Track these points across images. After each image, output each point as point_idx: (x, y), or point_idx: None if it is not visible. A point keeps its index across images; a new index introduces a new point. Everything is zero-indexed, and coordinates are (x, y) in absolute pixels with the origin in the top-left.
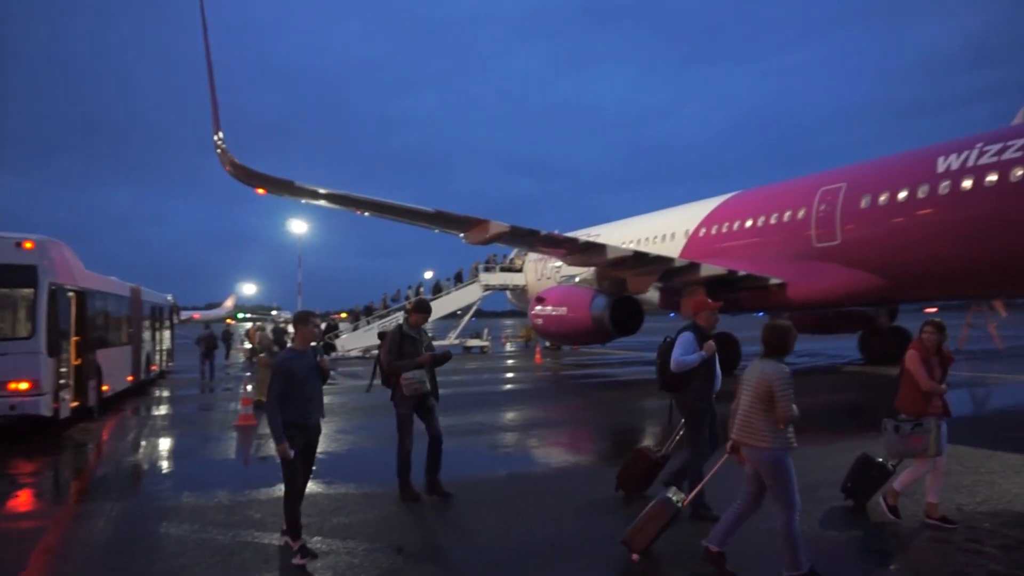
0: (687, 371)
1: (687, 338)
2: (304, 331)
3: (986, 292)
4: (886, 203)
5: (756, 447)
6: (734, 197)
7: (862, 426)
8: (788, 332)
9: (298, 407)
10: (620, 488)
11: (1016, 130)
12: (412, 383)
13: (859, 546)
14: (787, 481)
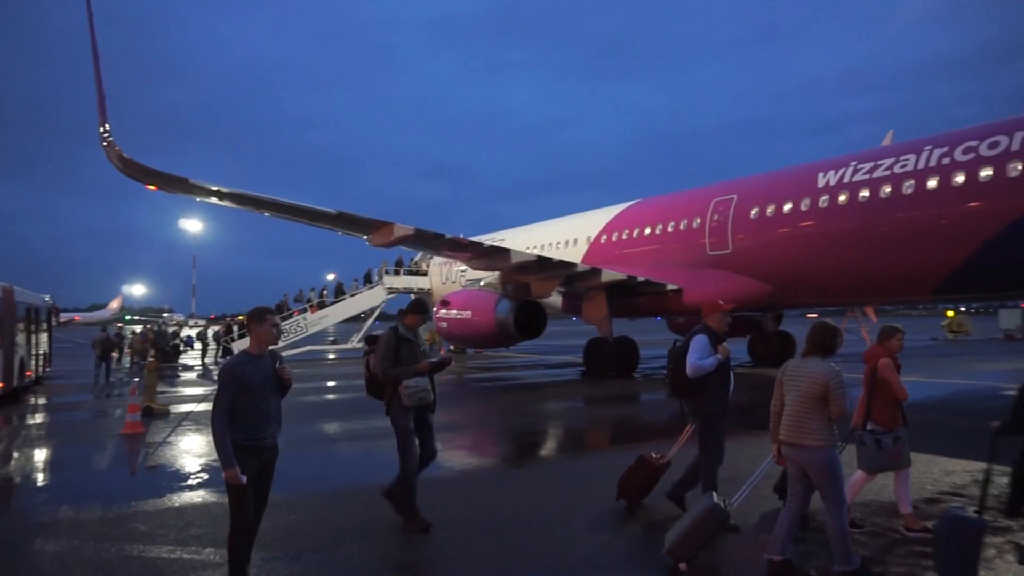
0: (703, 375)
1: (702, 341)
2: (260, 332)
3: (860, 299)
4: (773, 215)
5: (809, 447)
6: (634, 205)
7: (752, 425)
8: (837, 333)
9: (251, 425)
10: (621, 497)
11: (884, 151)
12: (415, 392)
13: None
14: (840, 478)
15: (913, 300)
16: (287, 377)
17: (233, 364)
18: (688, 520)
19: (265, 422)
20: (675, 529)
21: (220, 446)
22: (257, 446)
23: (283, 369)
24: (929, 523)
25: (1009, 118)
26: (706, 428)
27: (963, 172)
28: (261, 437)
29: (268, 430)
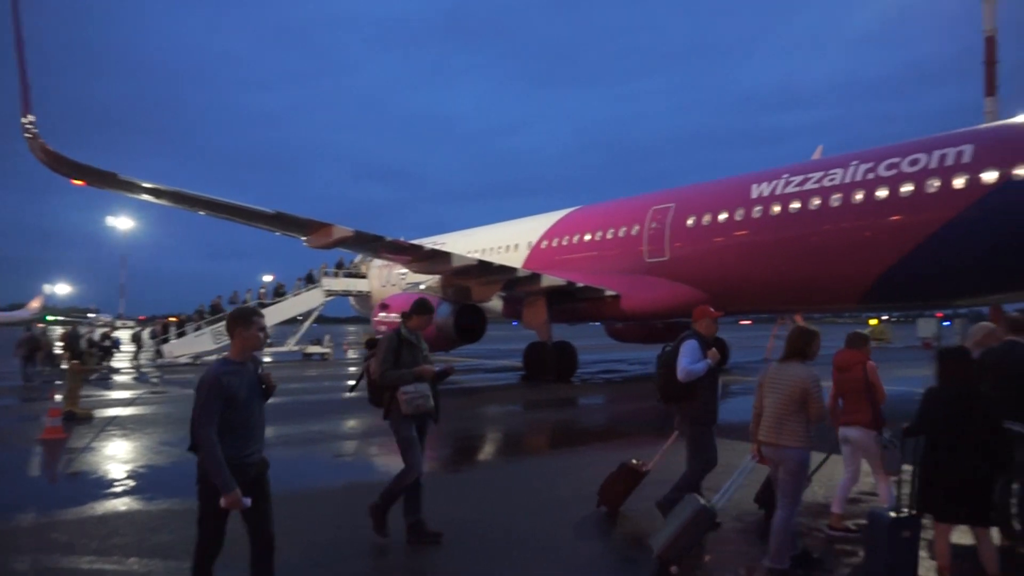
0: (693, 380)
1: (693, 346)
2: (245, 336)
3: (791, 307)
4: (709, 224)
5: (787, 446)
6: (575, 212)
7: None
8: (815, 337)
9: (236, 441)
10: (603, 504)
11: (814, 164)
12: (414, 398)
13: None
14: (804, 479)
15: (840, 308)
16: (272, 384)
17: (218, 373)
18: (677, 522)
19: (251, 437)
20: (664, 532)
21: (215, 467)
22: (243, 461)
23: (267, 375)
24: (851, 523)
25: (927, 137)
26: (697, 433)
27: (886, 187)
28: (247, 453)
29: (255, 445)
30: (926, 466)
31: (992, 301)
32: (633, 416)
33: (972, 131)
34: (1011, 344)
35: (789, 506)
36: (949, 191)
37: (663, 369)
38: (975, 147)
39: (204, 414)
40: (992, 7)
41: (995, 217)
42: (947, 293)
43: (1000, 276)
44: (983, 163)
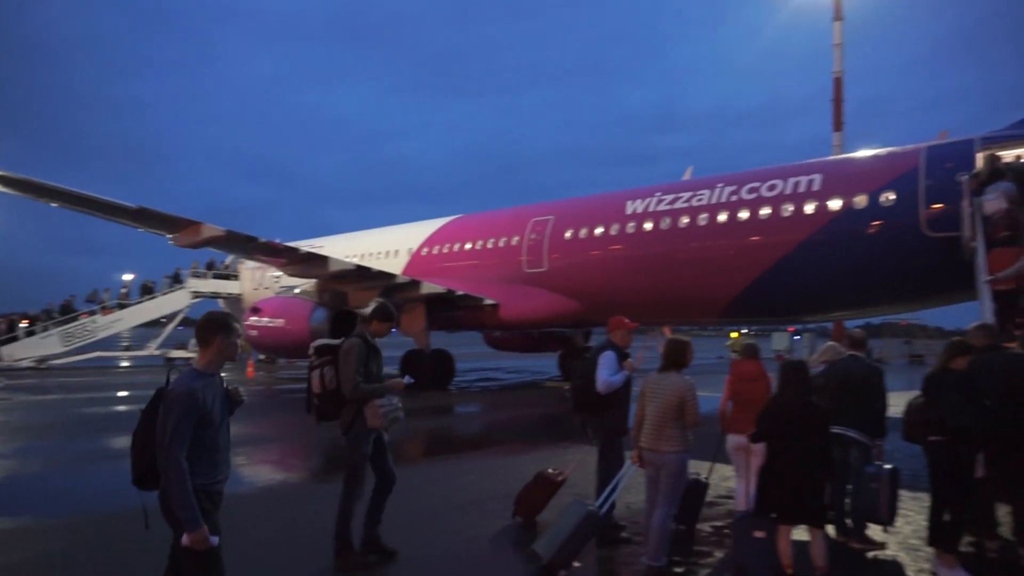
0: (608, 393)
1: (611, 357)
2: (225, 345)
3: (660, 319)
4: (586, 237)
5: (667, 451)
6: (456, 220)
7: (560, 436)
8: (688, 347)
9: (208, 465)
10: (519, 514)
11: (684, 184)
12: (390, 412)
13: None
14: (684, 481)
15: (705, 322)
16: (242, 399)
17: (192, 386)
18: (565, 529)
19: (222, 459)
20: (549, 539)
21: (184, 499)
22: (212, 492)
23: (236, 390)
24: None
25: (784, 165)
26: (608, 443)
27: (747, 209)
28: (218, 480)
29: (224, 470)
30: (768, 470)
31: (836, 318)
32: (509, 424)
33: (821, 162)
34: (852, 359)
35: (669, 508)
36: (801, 216)
37: (580, 380)
38: (823, 176)
39: (176, 435)
40: (840, 52)
41: (838, 241)
42: (798, 310)
43: (842, 295)
44: (830, 192)
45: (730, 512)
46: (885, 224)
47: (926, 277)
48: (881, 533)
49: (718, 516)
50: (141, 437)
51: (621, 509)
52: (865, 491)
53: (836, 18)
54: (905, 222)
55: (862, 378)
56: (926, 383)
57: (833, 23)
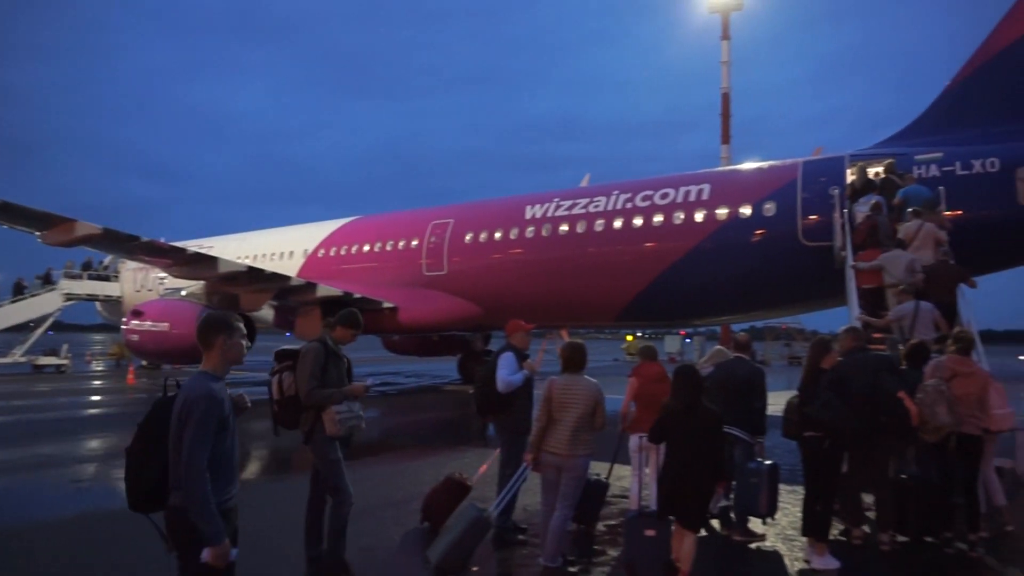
0: (511, 392)
1: (510, 358)
2: (229, 346)
3: (558, 322)
4: (485, 240)
5: (581, 456)
6: (354, 222)
7: (460, 440)
8: (584, 348)
9: (220, 478)
10: (427, 520)
11: (582, 191)
12: (348, 419)
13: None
14: (584, 483)
15: (601, 325)
16: (246, 405)
17: (210, 388)
18: (455, 533)
19: (235, 474)
20: (441, 544)
21: (206, 510)
22: (227, 509)
23: (241, 396)
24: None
25: (676, 174)
26: (513, 444)
27: (641, 216)
28: (230, 496)
29: (236, 485)
30: (665, 472)
31: (723, 321)
32: (408, 429)
33: (710, 173)
34: (737, 360)
35: (569, 511)
36: (691, 223)
37: (482, 383)
38: (712, 186)
39: (198, 442)
40: (728, 69)
41: (725, 248)
42: (689, 313)
43: (729, 300)
44: (717, 201)
45: (624, 511)
46: (767, 233)
47: (803, 284)
48: (761, 526)
49: (614, 515)
50: (141, 456)
51: (519, 511)
52: (747, 487)
53: (724, 37)
54: (784, 231)
55: (745, 379)
56: (801, 383)
57: (721, 42)
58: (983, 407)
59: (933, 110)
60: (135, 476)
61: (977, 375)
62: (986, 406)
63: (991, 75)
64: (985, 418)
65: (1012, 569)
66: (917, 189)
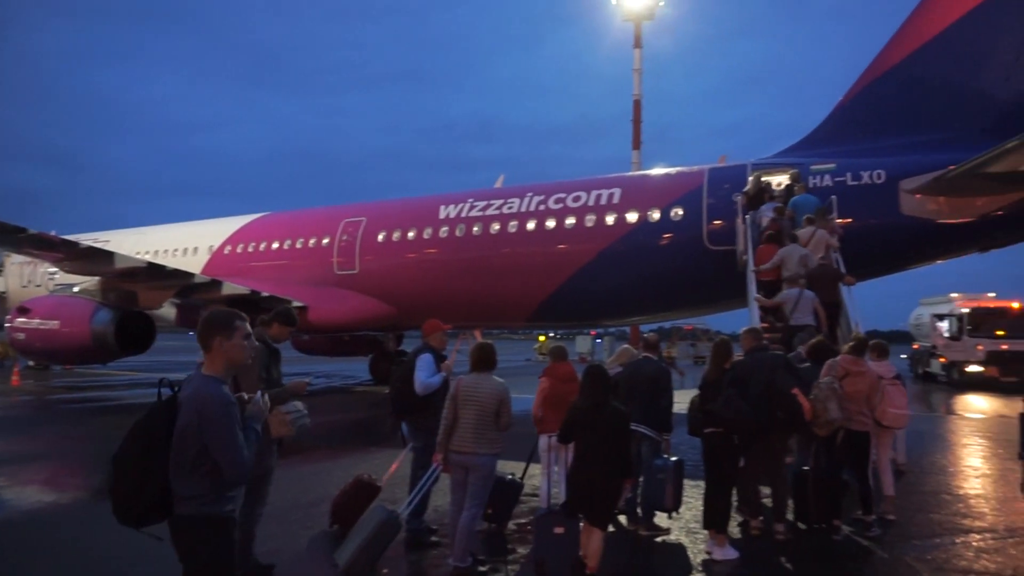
0: (428, 393)
1: (428, 360)
2: (227, 347)
3: (472, 322)
4: (399, 240)
5: (485, 454)
6: (264, 218)
7: (371, 441)
8: (494, 349)
9: (231, 489)
10: (336, 522)
11: (496, 192)
12: (299, 418)
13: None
14: (491, 483)
15: (514, 325)
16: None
17: (223, 392)
18: (364, 535)
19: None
20: (349, 546)
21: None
22: (234, 519)
23: (240, 397)
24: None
25: (588, 178)
26: (427, 445)
27: (554, 218)
28: (237, 506)
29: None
30: (574, 471)
31: (632, 322)
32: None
33: (621, 177)
34: (645, 360)
35: (477, 510)
36: (602, 226)
37: (399, 383)
38: (622, 191)
39: (236, 440)
40: (639, 77)
41: (634, 251)
42: (599, 314)
43: (638, 301)
44: (628, 205)
45: (535, 510)
46: (674, 237)
47: (708, 286)
48: (667, 520)
49: (525, 514)
50: (141, 464)
51: (431, 512)
52: (653, 482)
53: (636, 45)
54: (691, 235)
55: (652, 378)
56: (703, 381)
57: (634, 50)
58: (871, 405)
59: (827, 123)
60: (135, 487)
61: (867, 375)
62: (874, 403)
63: (879, 92)
64: (873, 415)
65: (879, 551)
66: (806, 198)
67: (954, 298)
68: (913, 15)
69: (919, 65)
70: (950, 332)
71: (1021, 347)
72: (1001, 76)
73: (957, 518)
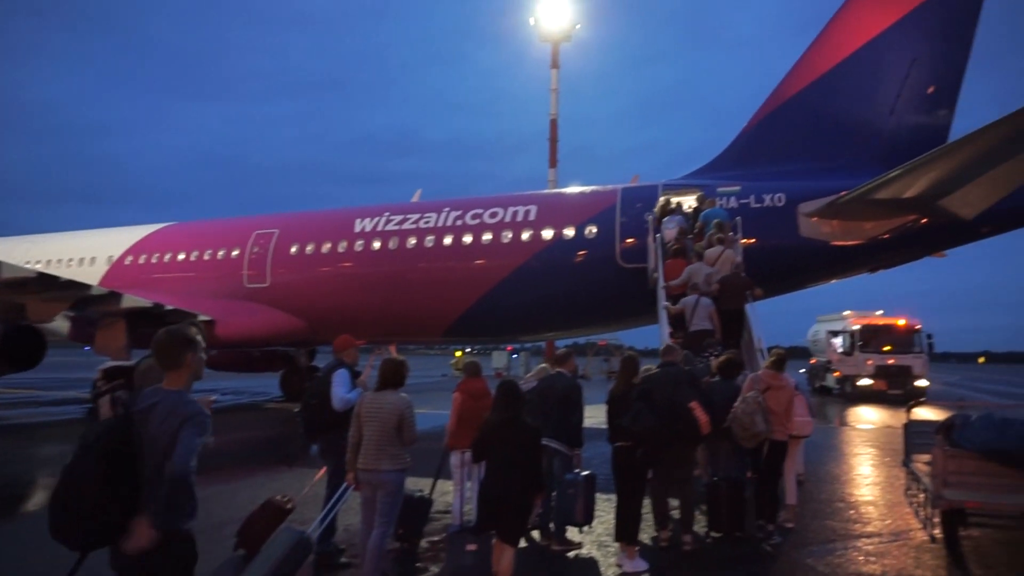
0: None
1: (344, 375)
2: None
3: (387, 337)
4: (312, 253)
5: (387, 470)
6: (169, 227)
7: (280, 459)
8: (403, 366)
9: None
10: (242, 545)
11: (413, 206)
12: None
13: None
14: (400, 500)
15: (429, 341)
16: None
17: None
18: (272, 558)
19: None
20: (256, 570)
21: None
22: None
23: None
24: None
25: (505, 195)
26: (340, 464)
27: (471, 233)
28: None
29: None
30: (484, 487)
31: (547, 337)
32: (224, 449)
33: (537, 194)
34: (558, 375)
35: (387, 528)
36: (518, 242)
37: (313, 400)
38: (538, 208)
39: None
40: (556, 96)
41: (549, 267)
42: (515, 330)
43: (553, 317)
44: (543, 222)
45: (447, 527)
46: (588, 254)
47: (621, 302)
48: (579, 534)
49: (437, 531)
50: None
51: (342, 532)
52: (564, 497)
53: (553, 66)
54: (604, 253)
55: (563, 393)
56: (611, 396)
57: (551, 70)
58: (789, 416)
59: (733, 147)
60: (92, 510)
61: (786, 388)
62: (791, 415)
63: (779, 120)
64: (790, 425)
65: (781, 557)
66: (716, 211)
67: (847, 316)
68: (809, 50)
69: (814, 96)
70: (843, 348)
71: (906, 362)
72: (886, 110)
73: (849, 524)
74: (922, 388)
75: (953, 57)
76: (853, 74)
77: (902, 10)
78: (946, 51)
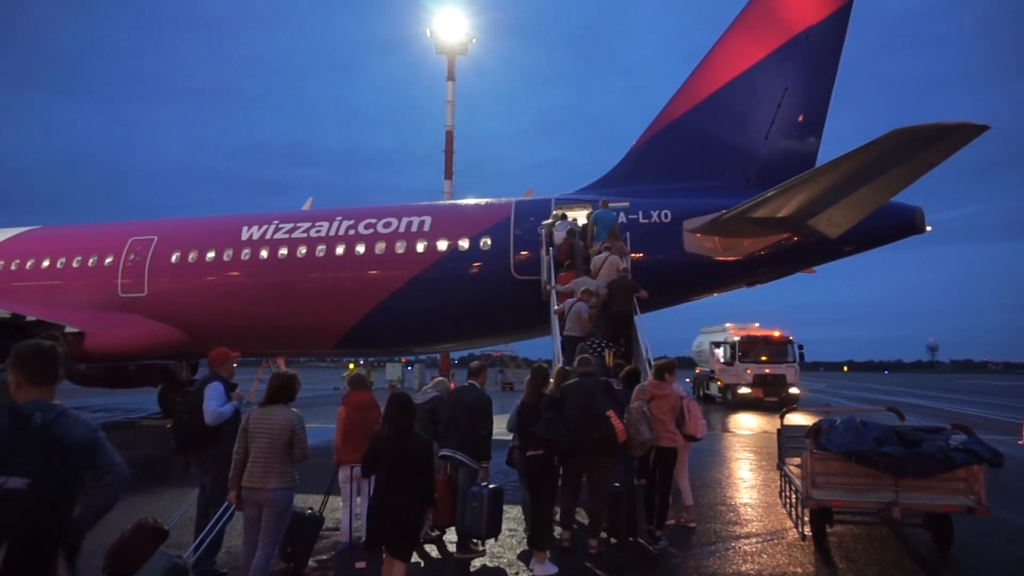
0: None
1: (219, 389)
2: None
3: (275, 350)
4: (195, 261)
5: (276, 489)
6: (33, 232)
7: (156, 480)
8: (293, 380)
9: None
10: (112, 573)
11: (304, 214)
12: None
13: None
14: (287, 519)
15: (320, 353)
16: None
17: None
18: None
19: None
20: None
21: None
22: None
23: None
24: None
25: (399, 204)
26: (218, 481)
27: (364, 243)
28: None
29: None
30: (374, 503)
31: (442, 349)
32: None
33: (432, 205)
34: (468, 387)
35: (272, 548)
36: (413, 253)
37: (185, 415)
38: (433, 219)
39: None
40: (452, 108)
41: (444, 278)
42: (409, 341)
43: (447, 328)
44: (438, 233)
45: (336, 544)
46: (483, 266)
47: (516, 314)
48: (491, 542)
49: (327, 549)
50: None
51: (224, 554)
52: (469, 510)
53: (449, 78)
54: (499, 265)
55: (471, 405)
56: (522, 406)
57: (447, 82)
58: (674, 423)
59: (622, 165)
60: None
61: (670, 396)
62: (682, 421)
63: (664, 141)
64: (689, 427)
65: (670, 559)
66: (605, 213)
67: (728, 327)
68: (692, 76)
69: (697, 120)
70: (725, 358)
71: (780, 371)
72: (761, 136)
73: (731, 526)
74: (795, 395)
75: (819, 89)
76: (731, 100)
77: (773, 44)
78: (813, 84)
